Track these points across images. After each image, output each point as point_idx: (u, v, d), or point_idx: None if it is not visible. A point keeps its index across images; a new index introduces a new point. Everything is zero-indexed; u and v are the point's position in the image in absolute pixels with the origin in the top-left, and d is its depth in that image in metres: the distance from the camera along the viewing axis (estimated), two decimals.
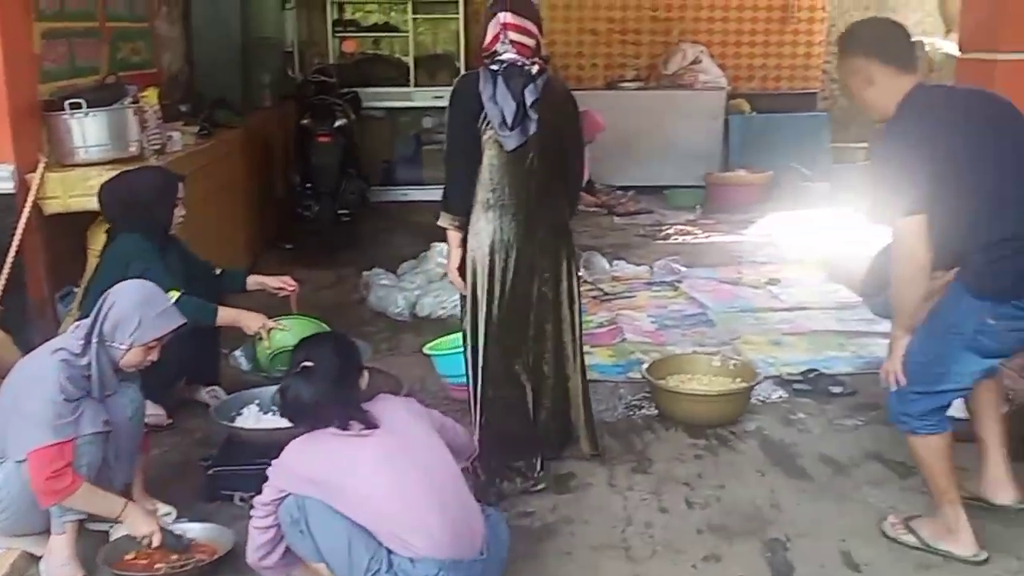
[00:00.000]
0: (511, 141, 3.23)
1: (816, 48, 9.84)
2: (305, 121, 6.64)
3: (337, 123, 6.61)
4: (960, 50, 6.08)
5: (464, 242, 3.38)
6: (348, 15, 9.16)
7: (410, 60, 8.85)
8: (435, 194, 9.71)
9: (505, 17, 3.26)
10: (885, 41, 2.86)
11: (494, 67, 3.25)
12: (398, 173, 9.05)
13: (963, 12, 6.12)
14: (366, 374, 2.75)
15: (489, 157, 3.28)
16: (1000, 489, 3.12)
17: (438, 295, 5.38)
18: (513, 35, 3.26)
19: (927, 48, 9.08)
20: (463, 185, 3.32)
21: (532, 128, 3.24)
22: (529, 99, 3.21)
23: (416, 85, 8.87)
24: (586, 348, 4.77)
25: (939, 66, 8.76)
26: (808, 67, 9.76)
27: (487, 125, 3.24)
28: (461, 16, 8.82)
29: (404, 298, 5.39)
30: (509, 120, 3.20)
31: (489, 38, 3.30)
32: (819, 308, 5.42)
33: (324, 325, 3.97)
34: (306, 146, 6.62)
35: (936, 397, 2.82)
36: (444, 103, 3.46)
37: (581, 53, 9.73)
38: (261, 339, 3.76)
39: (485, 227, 3.31)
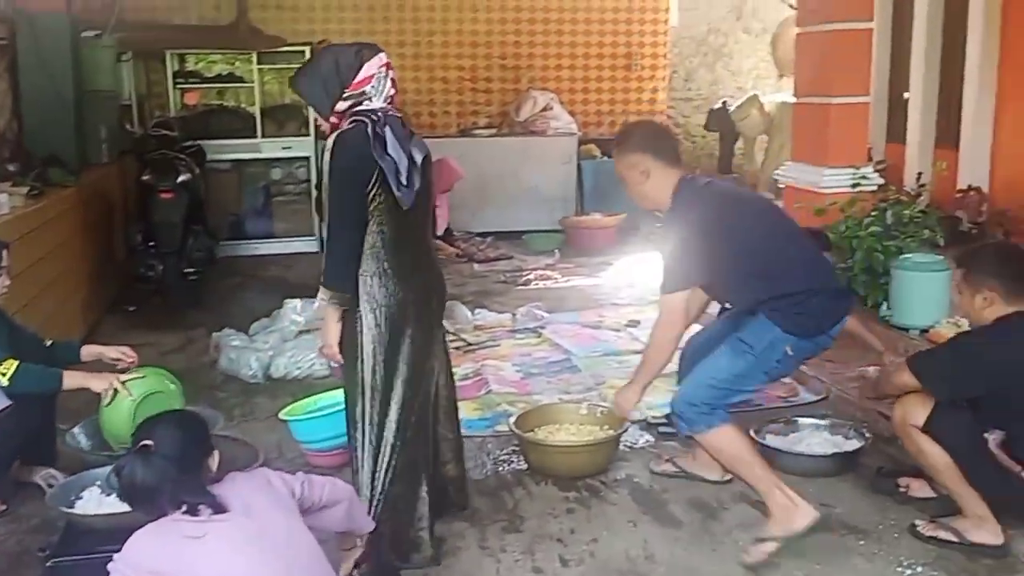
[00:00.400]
0: (408, 199, 2.97)
1: (660, 94, 10.15)
2: (145, 177, 6.32)
3: (180, 178, 6.32)
4: (795, 95, 6.36)
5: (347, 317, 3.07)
6: (190, 66, 8.84)
7: (256, 111, 8.61)
8: (286, 247, 9.45)
9: (384, 57, 3.03)
10: (656, 140, 3.43)
11: (374, 117, 2.96)
12: (248, 227, 8.76)
13: (797, 61, 6.42)
14: (216, 454, 2.55)
15: (380, 222, 2.96)
16: (710, 466, 3.65)
17: (293, 355, 5.16)
18: (393, 76, 3.03)
19: (763, 102, 9.52)
20: (353, 256, 2.98)
21: (418, 183, 3.00)
22: (418, 156, 3.00)
23: (264, 136, 8.62)
24: None
25: (776, 115, 9.17)
26: (653, 112, 10.04)
27: (378, 186, 2.94)
28: None
29: (257, 359, 5.14)
30: (404, 175, 2.94)
31: (361, 77, 2.97)
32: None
33: (172, 380, 3.77)
34: (147, 203, 6.30)
35: (722, 408, 3.31)
36: (293, 153, 3.34)
37: (433, 101, 9.72)
38: (108, 404, 3.51)
39: (384, 301, 3.01)
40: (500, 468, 3.94)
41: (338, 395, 4.04)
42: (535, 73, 9.83)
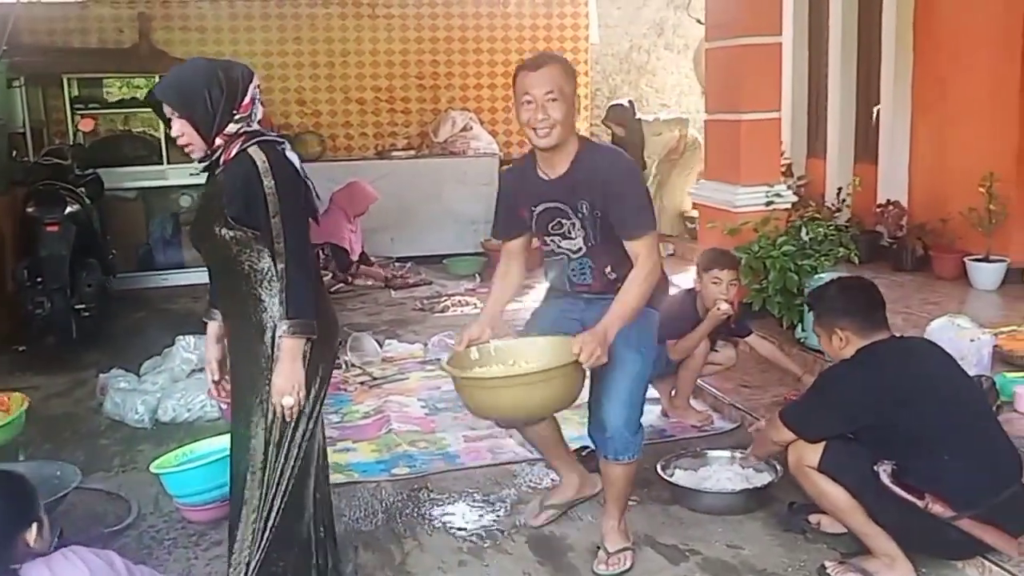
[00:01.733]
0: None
1: (582, 112, 9.99)
2: (30, 209, 5.95)
3: (67, 210, 5.96)
4: (706, 111, 6.22)
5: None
6: (89, 91, 8.46)
7: (161, 136, 8.26)
8: (198, 277, 9.00)
9: (256, 78, 2.74)
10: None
11: (278, 139, 2.70)
12: (156, 257, 8.39)
13: (707, 77, 6.30)
14: (36, 527, 2.26)
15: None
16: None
17: (182, 396, 4.84)
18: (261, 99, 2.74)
19: (688, 131, 9.36)
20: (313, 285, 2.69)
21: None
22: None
23: (169, 163, 8.27)
24: (348, 443, 4.44)
25: (688, 144, 9.04)
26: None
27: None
28: None
29: (144, 403, 4.81)
30: (314, 191, 2.74)
31: (249, 98, 2.65)
32: None
33: None
34: (33, 237, 5.93)
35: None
36: (201, 180, 2.86)
37: (349, 123, 9.45)
38: None
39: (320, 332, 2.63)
40: (393, 518, 3.67)
41: (215, 443, 3.77)
42: (454, 93, 9.62)
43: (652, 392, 4.72)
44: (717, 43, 5.84)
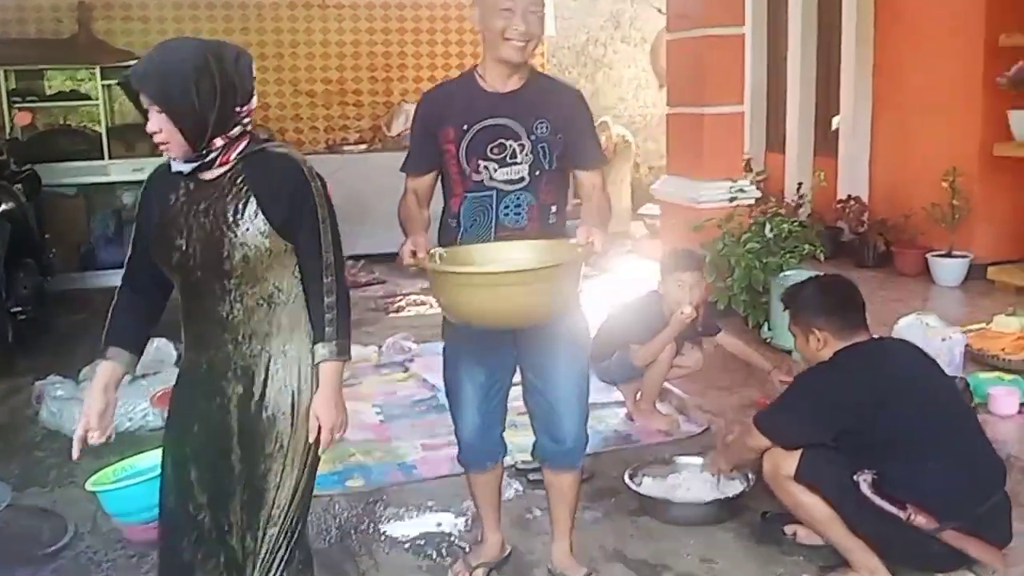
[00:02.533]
0: None
1: None
2: None
3: (0, 207, 5.65)
4: (668, 105, 6.09)
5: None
6: (27, 84, 8.08)
7: (103, 130, 7.92)
8: None
9: None
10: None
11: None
12: (99, 256, 8.06)
13: (669, 69, 6.16)
14: None
15: None
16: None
17: (123, 404, 4.57)
18: None
19: (613, 132, 9.22)
20: None
21: None
22: None
23: (111, 157, 7.94)
24: None
25: (619, 149, 8.91)
26: None
27: None
28: None
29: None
30: None
31: (252, 92, 2.28)
32: None
33: None
34: None
35: None
36: (144, 176, 2.47)
37: (299, 116, 9.18)
38: None
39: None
40: (347, 535, 3.47)
41: (157, 456, 3.54)
42: (407, 85, 9.38)
43: (616, 395, 4.60)
44: (679, 34, 5.70)
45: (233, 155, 2.22)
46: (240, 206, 2.18)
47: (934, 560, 2.88)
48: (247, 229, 2.17)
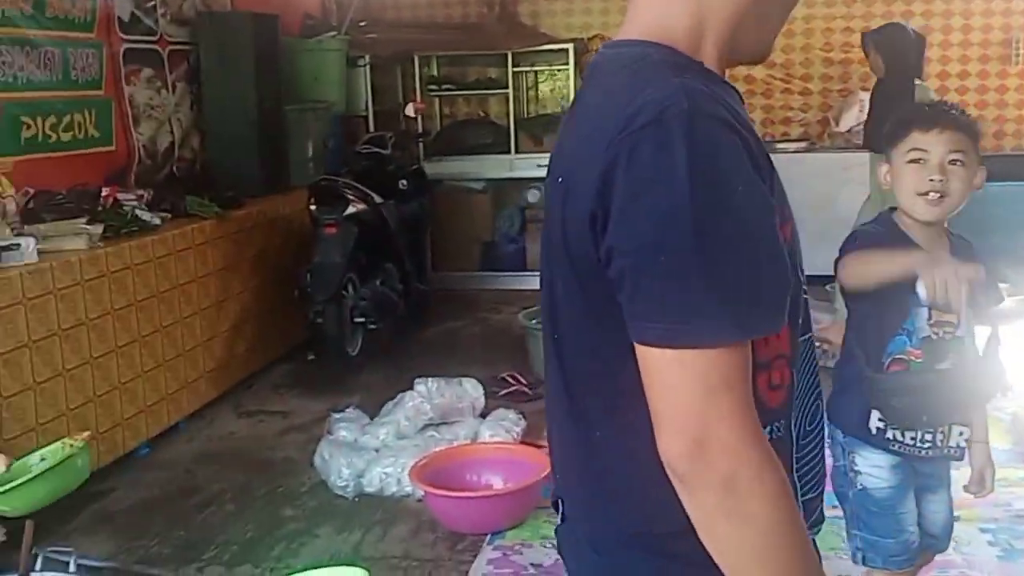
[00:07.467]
0: None
1: None
2: (312, 207, 5.25)
3: (347, 210, 5.16)
4: None
5: None
6: (447, 71, 7.76)
7: (510, 122, 7.34)
8: (534, 282, 7.51)
9: None
10: None
11: None
12: (497, 256, 7.53)
13: None
14: None
15: None
16: None
17: (395, 461, 3.76)
18: None
19: None
20: None
21: None
22: None
23: (518, 152, 7.34)
24: None
25: None
26: None
27: None
28: (571, 66, 7.21)
29: (349, 466, 3.78)
30: None
31: None
32: None
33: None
34: (314, 238, 5.24)
35: None
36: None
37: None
38: None
39: None
40: None
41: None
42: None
43: None
44: None
45: None
46: None
47: None
48: None
